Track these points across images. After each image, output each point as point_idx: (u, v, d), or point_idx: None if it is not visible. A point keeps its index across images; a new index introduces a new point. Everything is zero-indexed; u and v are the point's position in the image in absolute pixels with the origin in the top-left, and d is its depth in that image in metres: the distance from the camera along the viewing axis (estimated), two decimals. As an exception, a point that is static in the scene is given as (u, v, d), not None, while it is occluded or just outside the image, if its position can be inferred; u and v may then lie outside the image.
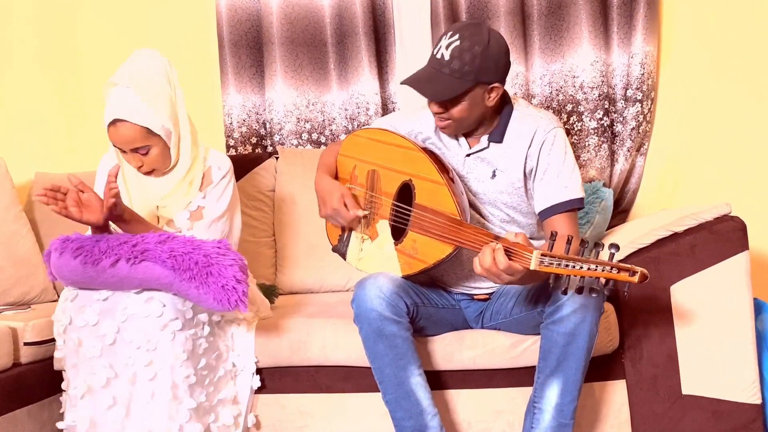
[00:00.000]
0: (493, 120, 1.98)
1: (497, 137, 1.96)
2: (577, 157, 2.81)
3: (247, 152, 2.99)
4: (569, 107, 2.81)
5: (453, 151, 2.02)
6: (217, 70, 2.99)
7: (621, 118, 2.80)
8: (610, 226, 2.65)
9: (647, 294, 2.06)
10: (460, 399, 2.06)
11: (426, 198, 1.89)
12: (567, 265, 1.58)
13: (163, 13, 3.06)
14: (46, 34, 3.10)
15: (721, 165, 2.81)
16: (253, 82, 2.99)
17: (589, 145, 2.80)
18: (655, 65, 2.78)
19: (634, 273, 1.53)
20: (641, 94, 2.75)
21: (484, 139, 1.97)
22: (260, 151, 3.00)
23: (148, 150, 2.00)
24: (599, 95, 2.77)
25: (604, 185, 2.77)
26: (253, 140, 3.01)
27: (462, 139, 2.00)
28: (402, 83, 1.91)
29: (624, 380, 2.08)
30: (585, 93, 2.78)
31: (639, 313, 2.07)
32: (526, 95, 2.85)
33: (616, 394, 2.08)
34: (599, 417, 2.07)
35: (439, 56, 1.86)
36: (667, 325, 2.05)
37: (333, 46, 2.92)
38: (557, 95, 2.83)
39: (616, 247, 1.56)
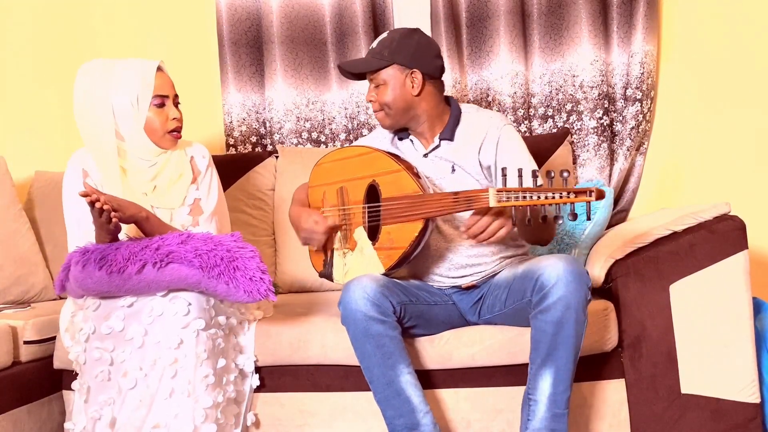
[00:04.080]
0: (442, 119, 2.11)
1: (448, 135, 2.10)
2: (577, 157, 2.82)
3: (246, 151, 2.99)
4: (569, 106, 2.82)
5: (410, 155, 2.12)
6: (217, 69, 2.99)
7: (621, 118, 2.80)
8: (610, 225, 2.65)
9: (646, 293, 2.06)
10: (458, 398, 2.06)
11: (390, 189, 1.97)
12: (525, 197, 1.66)
13: (163, 12, 3.06)
14: (46, 34, 3.10)
15: (720, 164, 2.82)
16: (253, 81, 2.99)
17: (588, 144, 2.80)
18: (655, 64, 2.79)
19: (591, 193, 1.62)
20: (641, 94, 2.76)
21: (436, 138, 2.10)
22: (260, 150, 3.00)
23: (179, 102, 2.11)
24: (599, 94, 2.78)
25: (603, 184, 2.77)
26: (253, 139, 3.01)
27: (416, 142, 2.13)
28: (338, 66, 2.17)
29: (623, 379, 2.08)
30: (585, 92, 2.78)
31: (638, 312, 2.07)
32: (526, 94, 2.85)
33: (615, 393, 2.08)
34: (598, 416, 2.08)
35: (370, 48, 2.11)
36: (666, 324, 2.06)
37: (333, 45, 2.93)
38: (557, 94, 2.83)
39: (567, 171, 1.66)
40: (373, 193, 2.03)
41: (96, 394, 1.88)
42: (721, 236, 2.04)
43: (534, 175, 1.70)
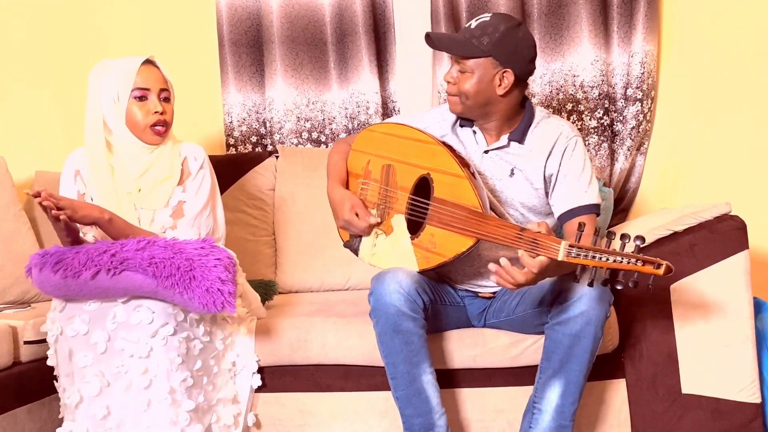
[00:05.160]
0: (514, 120, 2.01)
1: (518, 137, 1.99)
2: (577, 156, 2.81)
3: (247, 151, 2.99)
4: (569, 106, 2.81)
5: (470, 147, 2.03)
6: (217, 69, 2.99)
7: (621, 117, 2.80)
8: (610, 226, 2.65)
9: (647, 293, 2.06)
10: (460, 398, 2.06)
11: (446, 192, 1.88)
12: (594, 257, 1.58)
13: (163, 12, 3.06)
14: (46, 34, 3.10)
15: (721, 164, 2.81)
16: (253, 81, 2.99)
17: (589, 144, 2.80)
18: (656, 64, 2.78)
19: (659, 266, 1.54)
20: (641, 93, 2.76)
21: (504, 137, 2.00)
22: (260, 150, 3.00)
23: (169, 98, 2.08)
24: (599, 94, 2.77)
25: (604, 184, 2.77)
26: (253, 139, 3.01)
27: (479, 136, 2.03)
28: (426, 34, 1.99)
29: (624, 379, 2.08)
30: (585, 92, 2.78)
31: (639, 313, 2.07)
32: (526, 94, 2.85)
33: (616, 393, 2.08)
34: (599, 416, 2.08)
35: (466, 26, 1.97)
36: (666, 325, 2.06)
37: (333, 45, 2.92)
38: (557, 94, 2.83)
39: (642, 239, 1.57)
40: (423, 186, 1.94)
41: (66, 396, 1.88)
42: (722, 236, 2.04)
43: (609, 236, 1.62)
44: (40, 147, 3.10)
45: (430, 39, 1.99)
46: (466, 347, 2.02)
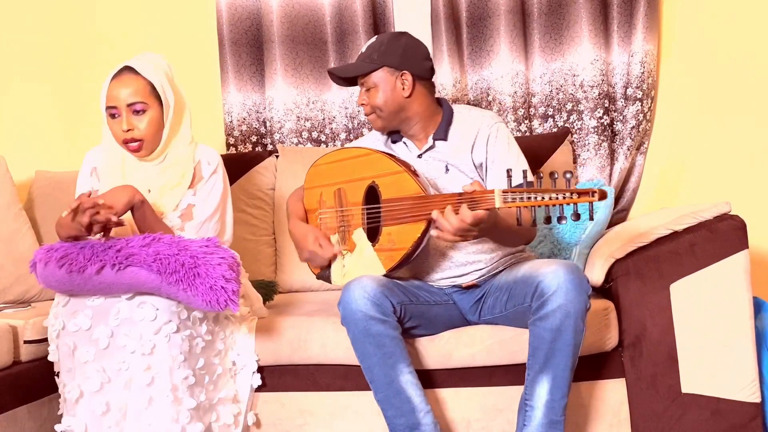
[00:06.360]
0: (434, 120, 2.12)
1: (441, 135, 2.10)
2: (577, 156, 2.82)
3: (247, 151, 2.99)
4: (569, 106, 2.81)
5: (405, 157, 2.12)
6: (217, 68, 2.99)
7: (621, 117, 2.80)
8: (610, 225, 2.65)
9: (647, 292, 2.06)
10: (459, 397, 2.06)
11: (391, 190, 1.97)
12: (529, 198, 1.66)
13: (163, 11, 3.06)
14: (46, 34, 3.10)
15: (721, 164, 2.81)
16: (253, 80, 2.99)
17: (589, 143, 2.80)
18: (656, 64, 2.78)
19: (593, 194, 1.62)
20: (641, 93, 2.76)
21: (430, 139, 2.11)
22: (260, 150, 3.00)
23: (144, 109, 1.98)
24: (599, 94, 2.78)
25: (604, 184, 2.77)
26: (253, 139, 3.01)
27: (410, 144, 2.14)
28: (328, 71, 2.15)
29: (623, 379, 2.08)
30: (585, 92, 2.78)
31: (638, 312, 2.07)
32: (527, 94, 2.85)
33: (616, 393, 2.08)
34: (598, 415, 2.07)
35: (360, 52, 2.13)
36: (666, 324, 2.05)
37: (333, 45, 2.93)
38: (557, 94, 2.83)
39: (570, 173, 1.66)
40: (372, 195, 2.02)
41: (67, 391, 1.88)
42: (722, 236, 2.04)
43: (537, 175, 1.71)
44: (40, 147, 3.10)
45: (332, 74, 2.14)
46: (464, 345, 2.02)
